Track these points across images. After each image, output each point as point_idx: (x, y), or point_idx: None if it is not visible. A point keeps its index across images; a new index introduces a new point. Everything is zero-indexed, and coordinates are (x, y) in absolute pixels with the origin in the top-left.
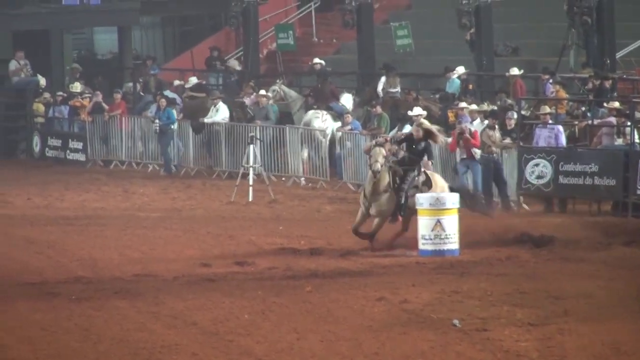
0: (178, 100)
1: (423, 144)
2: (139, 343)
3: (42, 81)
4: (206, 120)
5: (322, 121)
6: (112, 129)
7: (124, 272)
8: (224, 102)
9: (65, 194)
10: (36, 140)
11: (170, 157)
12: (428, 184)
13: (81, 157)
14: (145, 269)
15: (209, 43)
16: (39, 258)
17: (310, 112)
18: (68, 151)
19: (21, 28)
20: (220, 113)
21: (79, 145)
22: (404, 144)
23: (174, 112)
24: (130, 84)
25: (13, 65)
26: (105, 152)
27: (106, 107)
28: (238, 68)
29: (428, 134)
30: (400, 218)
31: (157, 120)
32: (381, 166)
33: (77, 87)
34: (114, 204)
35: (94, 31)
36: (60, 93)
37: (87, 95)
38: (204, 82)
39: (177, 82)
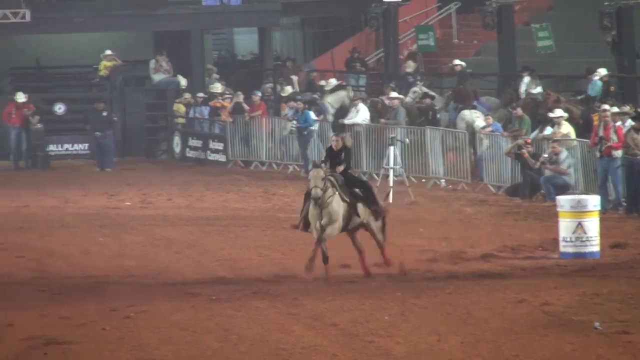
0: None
1: (343, 153)
2: (279, 344)
3: (183, 82)
4: (346, 121)
5: (484, 121)
6: (252, 129)
7: (264, 272)
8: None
9: (205, 195)
10: (177, 141)
11: (310, 157)
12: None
13: (222, 157)
14: (285, 270)
15: (348, 44)
16: (179, 258)
17: (466, 111)
18: (209, 152)
19: (162, 29)
20: (360, 114)
21: (219, 145)
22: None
23: (312, 113)
24: (270, 85)
25: (152, 63)
26: (246, 153)
27: (247, 107)
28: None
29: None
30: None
31: (294, 122)
32: (321, 190)
33: (217, 87)
34: (254, 205)
35: (234, 32)
36: (201, 94)
37: (227, 96)
38: (344, 83)
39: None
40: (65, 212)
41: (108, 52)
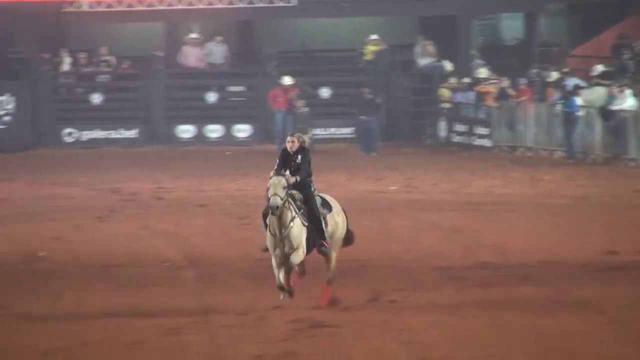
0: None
1: (300, 155)
2: (544, 329)
3: (448, 66)
4: (614, 107)
5: None
6: (518, 115)
7: (530, 258)
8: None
9: (471, 180)
10: (442, 126)
11: (575, 143)
12: (327, 207)
13: (487, 143)
14: (551, 256)
15: (614, 31)
16: (445, 243)
17: None
18: (474, 137)
19: (428, 14)
20: (627, 100)
21: (485, 131)
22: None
23: (578, 99)
24: (536, 71)
25: (418, 48)
26: (511, 138)
27: (512, 93)
28: None
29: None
30: (327, 245)
31: (558, 106)
32: (282, 200)
33: (483, 73)
34: (520, 190)
35: (501, 17)
36: (467, 79)
37: (493, 81)
38: (612, 70)
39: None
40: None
41: (373, 36)
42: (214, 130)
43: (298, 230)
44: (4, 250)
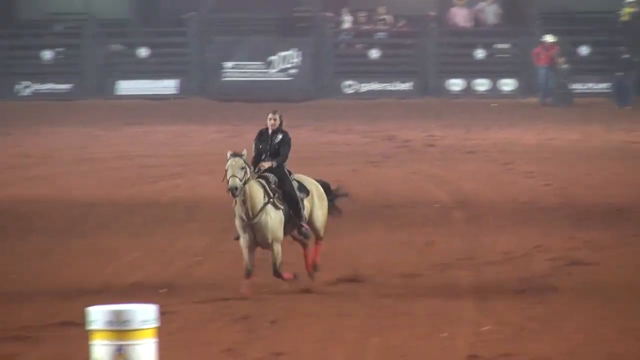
0: None
1: (280, 136)
2: None
3: None
4: None
5: None
6: None
7: None
8: None
9: None
10: None
11: None
12: (304, 191)
13: None
14: None
15: None
16: None
17: None
18: None
19: None
20: None
21: None
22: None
23: None
24: None
25: None
26: None
27: None
28: None
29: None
30: (307, 227)
31: None
32: (241, 181)
33: None
34: None
35: None
36: None
37: None
38: None
39: None
40: (587, 145)
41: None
42: (481, 84)
43: (272, 218)
44: None
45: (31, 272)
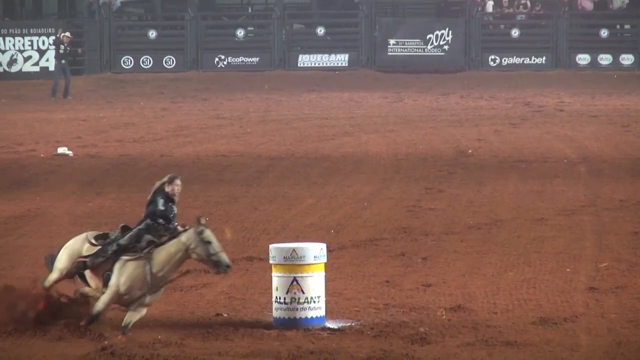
0: None
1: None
2: None
3: None
4: None
5: None
6: None
7: None
8: None
9: None
10: None
11: None
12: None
13: None
14: None
15: None
16: None
17: None
18: None
19: None
20: None
21: None
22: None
23: None
24: None
25: None
26: None
27: None
28: None
29: None
30: None
31: None
32: None
33: None
34: None
35: None
36: None
37: None
38: None
39: None
40: None
41: None
42: (605, 59)
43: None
44: (441, 148)
45: (222, 215)
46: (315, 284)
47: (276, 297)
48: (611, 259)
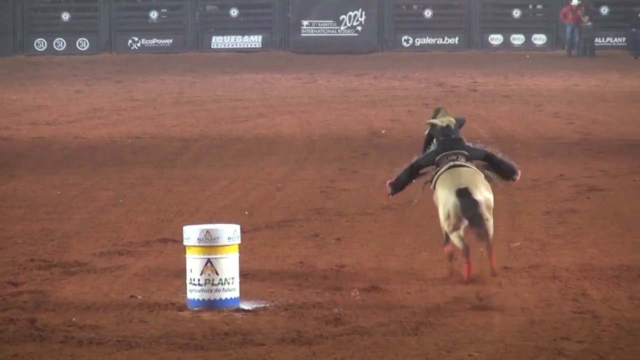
0: None
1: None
2: None
3: None
4: None
5: None
6: None
7: None
8: None
9: None
10: None
11: None
12: None
13: None
14: None
15: None
16: None
17: None
18: None
19: None
20: None
21: None
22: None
23: None
24: None
25: None
26: None
27: None
28: None
29: None
30: None
31: None
32: None
33: None
34: None
35: None
36: None
37: None
38: None
39: None
40: (606, 90)
41: None
42: (517, 39)
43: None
44: (355, 129)
45: (136, 197)
46: (229, 265)
47: (190, 279)
48: (524, 238)
